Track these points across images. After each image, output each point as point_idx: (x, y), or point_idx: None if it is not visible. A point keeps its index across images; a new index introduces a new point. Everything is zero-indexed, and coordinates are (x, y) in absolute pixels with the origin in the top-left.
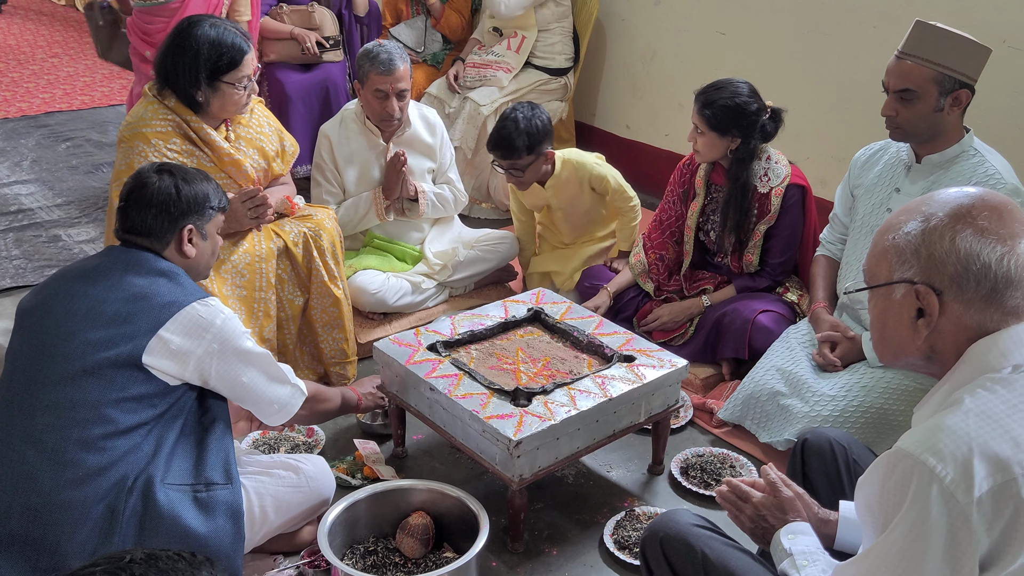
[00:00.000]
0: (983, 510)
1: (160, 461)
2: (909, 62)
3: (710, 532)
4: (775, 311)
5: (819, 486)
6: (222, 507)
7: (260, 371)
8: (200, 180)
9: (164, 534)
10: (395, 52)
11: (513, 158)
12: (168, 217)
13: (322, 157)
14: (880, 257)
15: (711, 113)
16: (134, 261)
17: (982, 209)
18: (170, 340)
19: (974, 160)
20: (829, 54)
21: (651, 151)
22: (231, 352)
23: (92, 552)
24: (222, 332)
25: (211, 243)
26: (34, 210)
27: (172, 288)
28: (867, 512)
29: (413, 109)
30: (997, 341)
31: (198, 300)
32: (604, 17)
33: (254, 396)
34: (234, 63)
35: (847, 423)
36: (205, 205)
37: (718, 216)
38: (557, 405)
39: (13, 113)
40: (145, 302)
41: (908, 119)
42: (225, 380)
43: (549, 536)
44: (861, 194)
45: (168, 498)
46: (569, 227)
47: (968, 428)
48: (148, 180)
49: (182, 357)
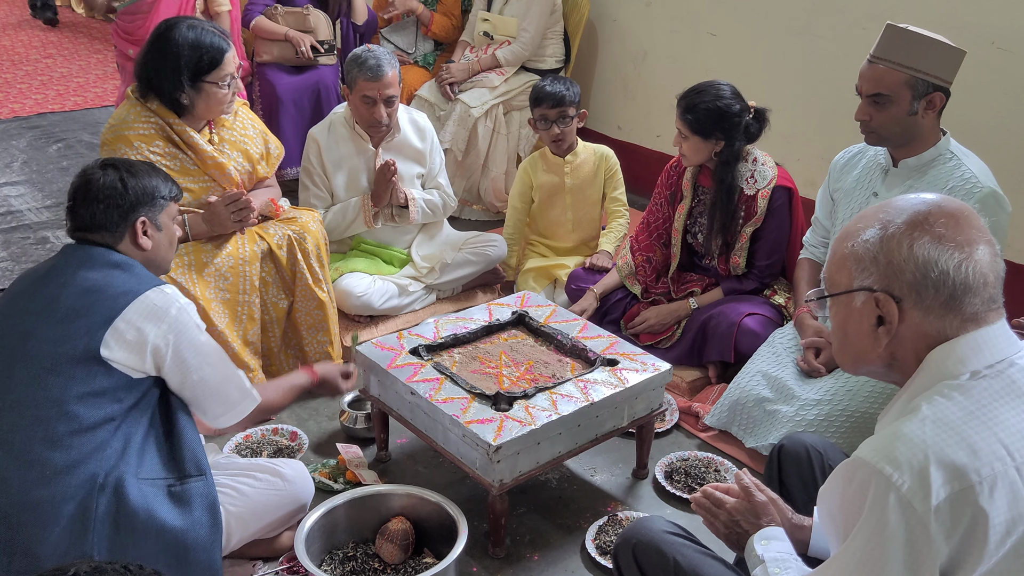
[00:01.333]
0: (941, 518)
1: (131, 456)
2: (881, 66)
3: (683, 539)
4: (761, 314)
5: (795, 492)
6: (198, 499)
7: (213, 368)
8: (147, 172)
9: (140, 530)
10: (384, 58)
11: (564, 105)
12: (118, 211)
13: (310, 161)
14: (840, 264)
15: (693, 117)
16: (87, 257)
17: (939, 216)
18: (125, 330)
19: (951, 164)
20: (819, 55)
21: (643, 152)
22: (185, 343)
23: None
24: (177, 321)
25: (167, 233)
26: (23, 212)
27: (126, 278)
28: (829, 520)
29: (403, 114)
30: (955, 348)
31: (153, 288)
32: (595, 18)
33: (203, 393)
34: (215, 62)
35: (832, 427)
36: (155, 196)
37: (705, 218)
38: (538, 410)
39: (5, 114)
40: (99, 295)
41: (882, 123)
42: (178, 371)
43: (531, 541)
44: (840, 198)
45: (142, 493)
46: (573, 218)
47: (924, 436)
48: (92, 176)
49: (138, 347)
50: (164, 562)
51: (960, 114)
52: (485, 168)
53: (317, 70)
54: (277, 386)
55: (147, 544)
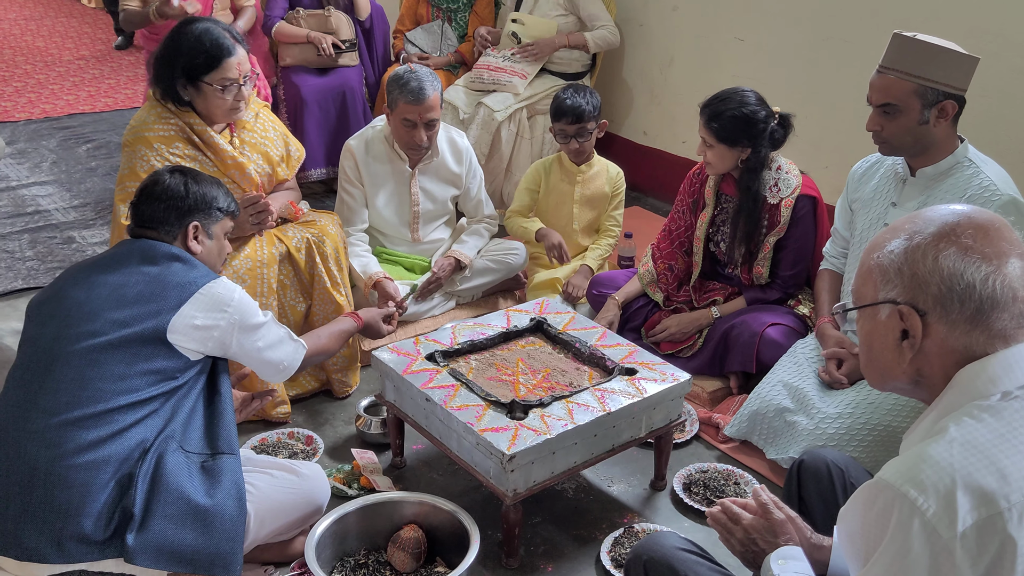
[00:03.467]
0: (967, 545)
1: (177, 427)
2: (890, 76)
3: (696, 557)
4: (785, 324)
5: (815, 509)
6: (228, 474)
7: (271, 336)
8: (210, 183)
9: (171, 493)
10: (426, 79)
11: (584, 121)
12: (176, 211)
13: (346, 174)
14: (865, 277)
15: (719, 126)
16: (147, 248)
17: (967, 227)
18: (194, 316)
19: (969, 171)
20: (848, 61)
21: (668, 158)
22: (248, 325)
23: (110, 510)
24: (240, 307)
25: (217, 245)
26: (51, 211)
27: (187, 270)
28: (849, 543)
29: (442, 133)
30: (986, 367)
31: (213, 280)
32: (621, 22)
33: (266, 359)
34: (211, 63)
35: (853, 441)
36: (212, 206)
37: (728, 227)
38: (554, 419)
39: (37, 115)
40: (165, 282)
41: (893, 133)
42: (244, 348)
43: (545, 551)
44: (859, 208)
45: (177, 462)
46: (579, 228)
47: (952, 459)
48: (160, 178)
49: (205, 332)
50: (190, 526)
51: (983, 121)
52: (508, 172)
53: (342, 73)
54: (326, 332)
55: (174, 507)
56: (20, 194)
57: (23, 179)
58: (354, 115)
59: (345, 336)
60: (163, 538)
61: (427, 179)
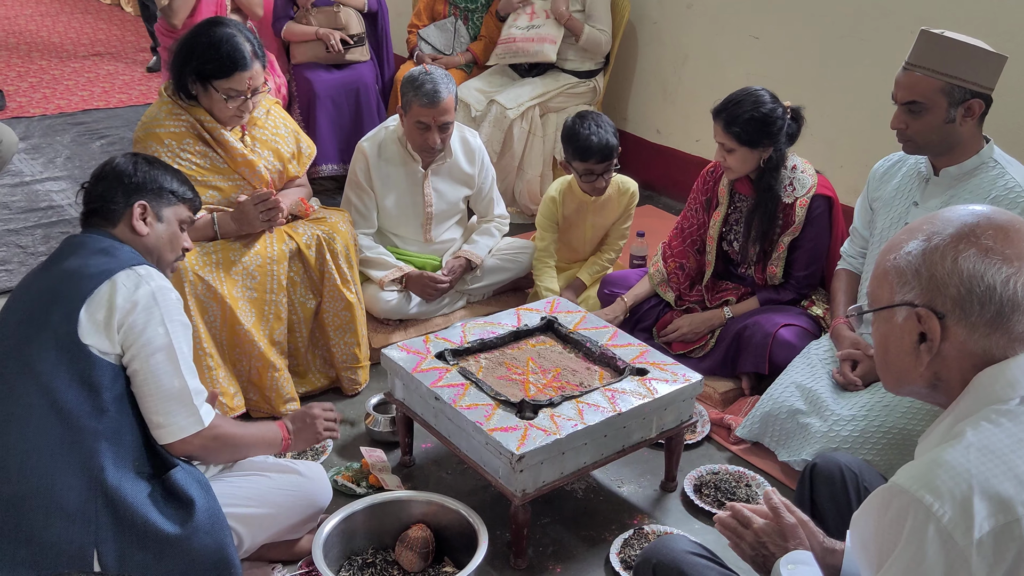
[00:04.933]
0: (983, 552)
1: (124, 447)
2: (916, 73)
3: (706, 561)
4: (798, 325)
5: (827, 514)
6: (193, 484)
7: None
8: (166, 168)
9: (138, 526)
10: (441, 81)
11: (610, 159)
12: (121, 188)
13: (356, 175)
14: (882, 279)
15: (740, 129)
16: (79, 244)
17: (987, 228)
18: (96, 311)
19: (994, 172)
20: (865, 59)
21: (682, 157)
22: (147, 324)
23: (77, 546)
24: (146, 300)
25: (168, 230)
26: (64, 207)
27: (106, 261)
28: (862, 549)
29: (455, 132)
30: (1004, 370)
31: (126, 268)
32: (635, 20)
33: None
34: (222, 71)
35: (867, 444)
36: (164, 187)
37: (742, 226)
38: (564, 419)
39: (51, 110)
40: (76, 278)
41: (918, 131)
42: (133, 357)
43: (554, 552)
44: (879, 207)
45: (136, 487)
46: (591, 241)
47: (969, 464)
48: (112, 159)
49: (106, 327)
50: (169, 556)
51: (1009, 121)
52: (520, 170)
53: (354, 69)
54: (245, 426)
55: (148, 543)
56: (34, 189)
57: (37, 174)
58: (368, 112)
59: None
60: (146, 570)
61: (440, 180)
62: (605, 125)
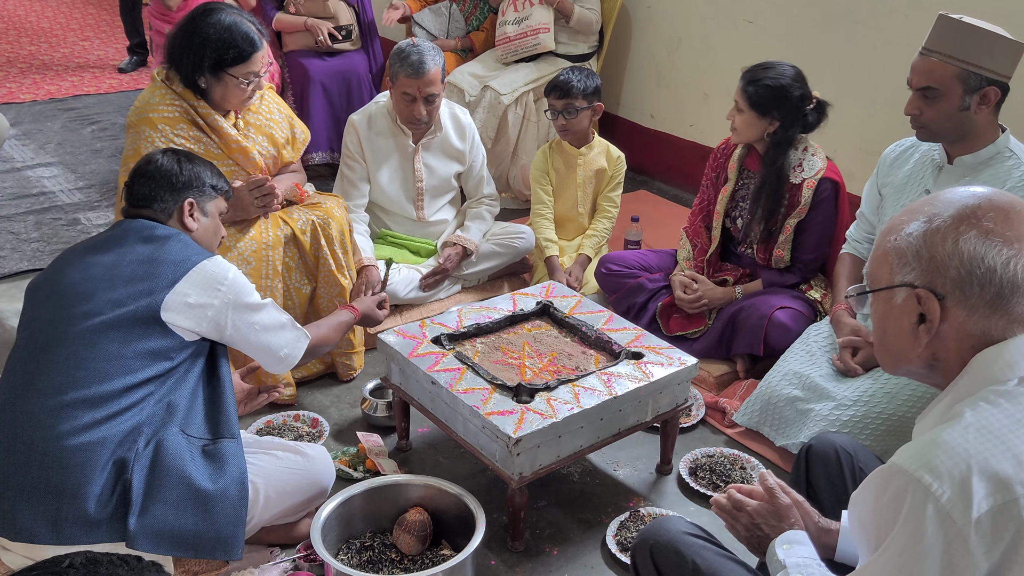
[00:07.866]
0: (982, 532)
1: (178, 410)
2: (932, 58)
3: (703, 541)
4: (794, 308)
5: (823, 494)
6: (230, 458)
7: (269, 320)
8: (202, 162)
9: (172, 478)
10: (427, 53)
11: (570, 97)
12: (170, 188)
13: (348, 148)
14: (881, 259)
15: (754, 90)
16: (141, 229)
17: (988, 210)
18: (187, 294)
19: (1009, 162)
20: (859, 44)
21: (676, 141)
22: (244, 304)
23: (108, 500)
24: (234, 285)
25: (213, 223)
26: (55, 193)
27: (182, 248)
28: (860, 529)
29: (444, 109)
30: (1003, 351)
31: (207, 258)
32: (629, 4)
33: (264, 345)
34: (241, 58)
35: (867, 430)
36: (205, 183)
37: (748, 203)
38: (560, 402)
39: (41, 96)
40: (158, 261)
41: (932, 118)
42: (240, 331)
43: (551, 535)
44: (889, 193)
45: (178, 445)
46: (586, 212)
47: (967, 444)
48: (153, 157)
49: (199, 310)
50: (191, 511)
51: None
52: (515, 156)
53: (347, 57)
54: (327, 324)
55: (175, 491)
56: (25, 175)
57: (28, 160)
58: (359, 101)
59: (345, 328)
60: (164, 523)
61: (430, 155)
62: (580, 73)
